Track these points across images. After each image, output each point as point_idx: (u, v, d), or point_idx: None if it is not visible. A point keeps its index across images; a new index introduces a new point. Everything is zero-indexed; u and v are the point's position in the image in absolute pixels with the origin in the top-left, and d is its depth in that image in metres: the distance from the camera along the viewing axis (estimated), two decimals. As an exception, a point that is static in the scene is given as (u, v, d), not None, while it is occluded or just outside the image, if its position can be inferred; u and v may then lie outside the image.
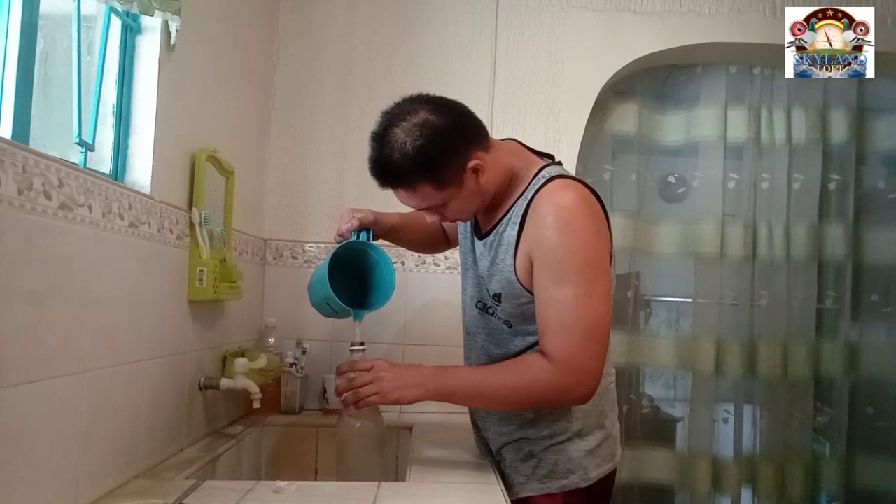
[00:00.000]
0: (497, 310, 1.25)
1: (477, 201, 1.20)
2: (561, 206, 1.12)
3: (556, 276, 1.11)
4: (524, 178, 1.21)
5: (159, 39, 1.27)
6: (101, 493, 1.07)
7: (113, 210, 1.08)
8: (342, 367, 1.24)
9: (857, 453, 2.37)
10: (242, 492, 1.11)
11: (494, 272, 1.22)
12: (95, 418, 1.04)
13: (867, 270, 2.41)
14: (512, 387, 1.15)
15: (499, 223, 1.22)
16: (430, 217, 1.23)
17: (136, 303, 1.17)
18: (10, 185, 0.81)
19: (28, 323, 0.86)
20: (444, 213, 1.22)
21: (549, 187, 1.15)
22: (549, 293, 1.12)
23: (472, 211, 1.23)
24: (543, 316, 1.13)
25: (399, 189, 1.17)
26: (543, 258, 1.12)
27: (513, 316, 1.23)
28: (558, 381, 1.11)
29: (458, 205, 1.19)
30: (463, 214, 1.24)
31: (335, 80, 2.13)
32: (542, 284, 1.13)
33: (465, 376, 1.21)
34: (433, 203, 1.18)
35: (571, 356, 1.10)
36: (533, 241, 1.14)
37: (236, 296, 1.60)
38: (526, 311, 1.20)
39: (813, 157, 2.38)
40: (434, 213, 1.22)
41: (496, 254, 1.22)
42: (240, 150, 1.78)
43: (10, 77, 0.94)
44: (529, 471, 1.26)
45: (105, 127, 1.22)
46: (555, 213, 1.12)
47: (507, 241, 1.19)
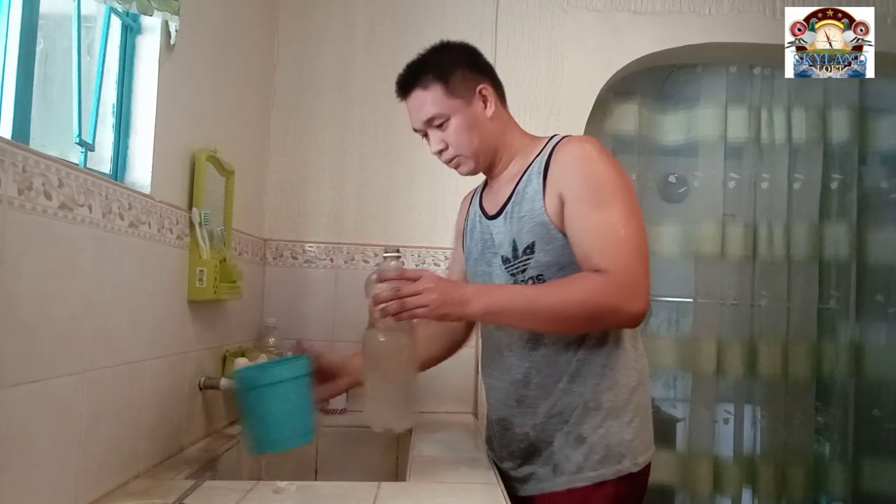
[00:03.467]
0: (528, 265, 1.21)
1: (476, 140, 1.25)
2: (584, 147, 1.18)
3: (593, 201, 1.13)
4: (534, 146, 1.28)
5: (159, 39, 1.27)
6: (101, 493, 1.07)
7: (113, 210, 1.08)
8: (387, 274, 1.13)
9: (863, 455, 2.37)
10: (242, 492, 1.11)
11: (524, 225, 1.21)
12: (95, 418, 1.04)
13: (871, 271, 2.41)
14: (567, 301, 1.10)
15: (515, 189, 1.25)
16: (435, 142, 1.27)
17: (136, 303, 1.17)
18: (10, 185, 0.81)
19: (28, 323, 0.86)
20: (445, 137, 1.25)
21: (566, 140, 1.22)
22: (588, 218, 1.13)
23: (470, 148, 1.26)
24: (586, 240, 1.13)
25: (415, 91, 1.26)
26: (577, 190, 1.14)
27: (547, 266, 1.19)
28: (614, 295, 1.08)
29: (460, 124, 1.24)
30: (461, 144, 1.25)
31: (335, 80, 2.13)
32: (579, 214, 1.14)
33: (516, 292, 1.16)
34: (440, 111, 1.23)
35: (625, 269, 1.08)
36: (562, 181, 1.17)
37: (236, 296, 1.60)
38: (561, 258, 1.18)
39: (813, 156, 2.38)
40: (437, 131, 1.26)
41: (520, 209, 1.22)
42: (240, 150, 1.78)
43: (10, 77, 0.94)
44: (582, 459, 1.20)
45: (105, 127, 1.22)
46: (580, 152, 1.18)
47: (533, 191, 1.21)
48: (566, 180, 1.16)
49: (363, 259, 2.09)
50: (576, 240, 1.15)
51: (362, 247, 2.09)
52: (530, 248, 1.20)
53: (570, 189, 1.15)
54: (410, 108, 1.28)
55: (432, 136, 1.27)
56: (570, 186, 1.15)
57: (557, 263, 1.19)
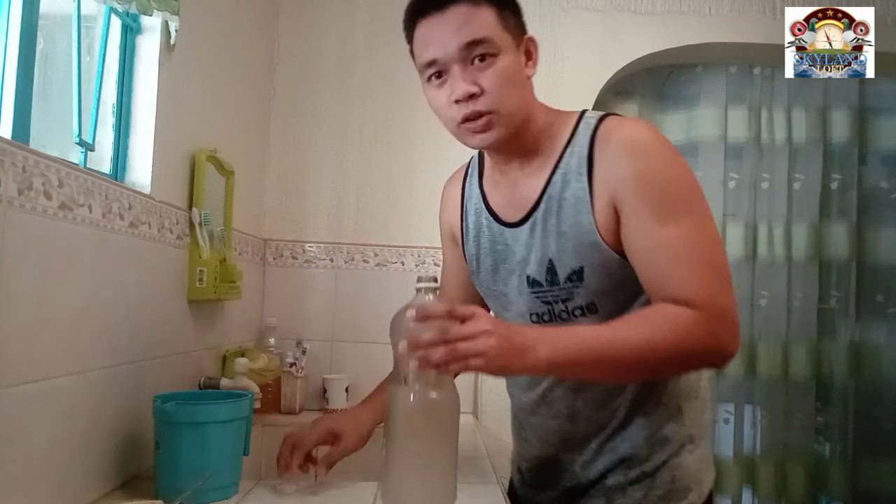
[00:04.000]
0: (576, 294, 0.96)
1: (516, 97, 0.95)
2: (641, 136, 0.93)
3: (661, 211, 0.89)
4: (562, 125, 1.00)
5: (159, 39, 1.27)
6: (101, 493, 1.07)
7: (113, 210, 1.08)
8: (429, 311, 0.83)
9: (863, 455, 2.37)
10: (243, 492, 1.11)
11: (567, 244, 0.95)
12: (95, 418, 1.04)
13: (871, 271, 2.41)
14: (656, 346, 0.85)
15: (546, 191, 0.98)
16: (466, 82, 0.91)
17: (136, 303, 1.17)
18: (10, 185, 0.81)
19: (28, 323, 0.86)
20: (484, 79, 0.92)
21: (608, 124, 0.96)
22: (657, 234, 0.89)
23: (510, 104, 0.94)
24: (656, 263, 0.90)
25: (459, 3, 0.92)
26: (638, 197, 0.90)
27: (601, 293, 0.96)
28: (710, 334, 0.86)
29: (508, 68, 0.93)
30: (503, 95, 0.93)
31: (335, 80, 2.13)
32: (643, 228, 0.90)
33: (591, 335, 0.87)
34: (491, 35, 0.91)
35: (715, 301, 0.87)
36: (615, 184, 0.91)
37: (236, 296, 1.60)
38: (619, 280, 0.95)
39: (813, 156, 2.38)
40: (473, 69, 0.92)
41: (559, 222, 0.96)
42: (240, 150, 1.78)
43: (10, 77, 0.94)
44: (641, 494, 1.02)
45: (105, 127, 1.22)
46: (634, 143, 0.92)
47: (575, 197, 0.95)
48: (621, 183, 0.91)
49: (363, 259, 2.09)
50: (641, 261, 0.91)
51: (362, 247, 2.09)
52: (577, 274, 0.96)
53: (628, 196, 0.91)
54: (443, 26, 0.93)
55: (462, 73, 0.92)
56: (628, 192, 0.91)
57: (614, 287, 0.96)
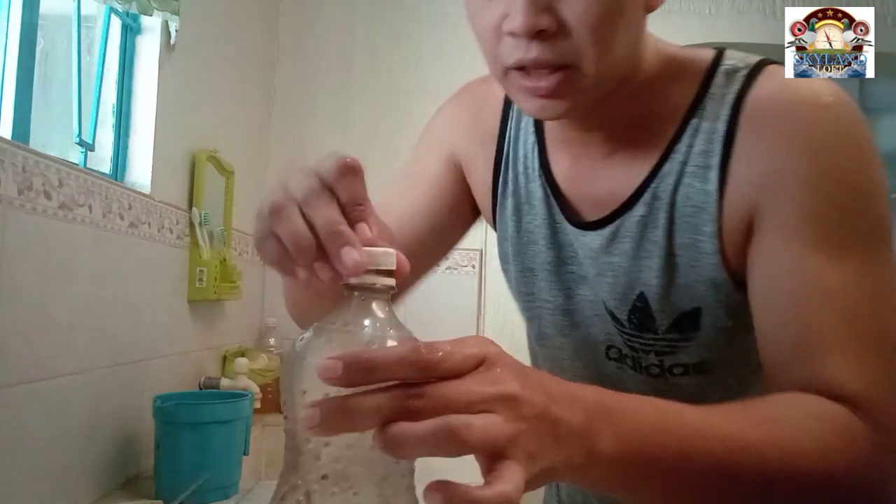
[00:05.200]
0: (680, 349, 0.63)
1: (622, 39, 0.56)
2: (830, 105, 0.56)
3: (831, 239, 0.53)
4: (684, 81, 0.62)
5: (159, 39, 1.27)
6: (101, 492, 1.06)
7: (113, 210, 1.08)
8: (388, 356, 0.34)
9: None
10: (243, 492, 1.11)
11: (673, 273, 0.61)
12: (95, 418, 1.04)
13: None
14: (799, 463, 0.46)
15: (649, 186, 0.60)
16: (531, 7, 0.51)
17: (136, 303, 1.17)
18: (10, 185, 0.81)
19: (28, 323, 0.86)
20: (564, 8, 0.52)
21: (769, 87, 0.59)
22: (815, 272, 0.53)
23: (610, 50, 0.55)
24: (805, 316, 0.53)
25: None
26: (800, 206, 0.54)
27: (714, 347, 0.63)
28: (878, 460, 0.49)
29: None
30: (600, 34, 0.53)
31: (335, 80, 2.13)
32: (792, 256, 0.54)
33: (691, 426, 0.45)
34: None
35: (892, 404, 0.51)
36: (771, 178, 0.55)
37: (236, 296, 1.60)
38: (737, 325, 0.60)
39: (813, 157, 2.38)
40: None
41: (669, 236, 0.60)
42: (240, 150, 1.78)
43: (10, 77, 0.94)
44: None
45: (105, 127, 1.22)
46: (821, 115, 0.56)
47: (696, 204, 0.58)
48: (778, 188, 0.55)
49: (363, 259, 2.09)
50: (772, 307, 0.55)
51: (362, 247, 2.09)
52: (690, 320, 0.61)
53: (782, 205, 0.55)
54: None
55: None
56: (783, 200, 0.55)
57: (729, 339, 0.62)
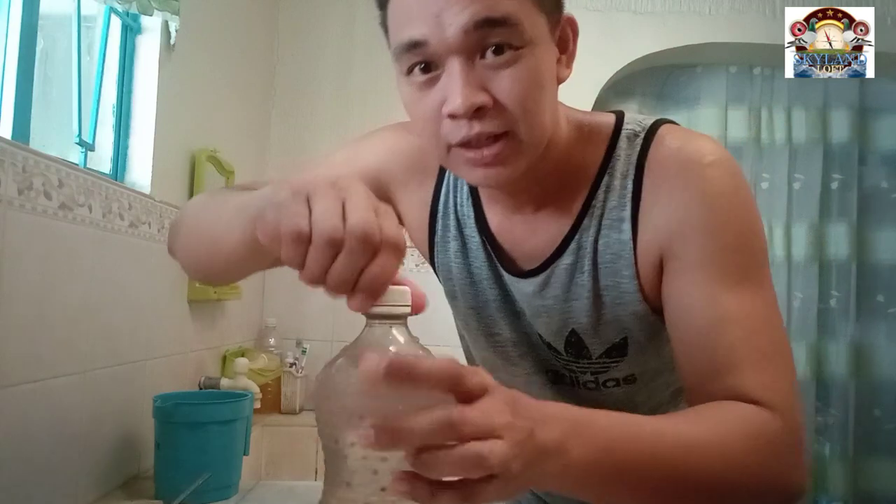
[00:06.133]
0: (612, 368, 0.75)
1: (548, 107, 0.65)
2: (713, 163, 0.66)
3: (729, 275, 0.65)
4: (594, 144, 0.71)
5: (159, 39, 1.27)
6: (101, 492, 1.06)
7: (113, 210, 1.08)
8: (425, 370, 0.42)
9: (863, 455, 2.37)
10: (243, 492, 1.11)
11: (604, 314, 0.71)
12: (95, 418, 1.04)
13: (871, 271, 2.41)
14: (734, 461, 0.56)
15: (574, 238, 0.70)
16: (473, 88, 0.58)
17: (136, 303, 1.17)
18: (10, 185, 0.81)
19: (28, 323, 0.86)
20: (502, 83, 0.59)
21: (665, 145, 0.68)
22: (720, 303, 0.64)
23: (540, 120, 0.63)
24: (711, 338, 0.63)
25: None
26: (703, 251, 0.65)
27: (646, 363, 0.75)
28: (787, 455, 0.60)
29: (539, 66, 0.62)
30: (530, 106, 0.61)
31: (335, 80, 2.13)
32: (700, 291, 0.65)
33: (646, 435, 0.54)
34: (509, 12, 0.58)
35: (794, 407, 0.61)
36: (673, 231, 0.66)
37: (236, 296, 1.60)
38: (661, 346, 0.73)
39: (813, 157, 2.38)
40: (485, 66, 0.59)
41: (593, 280, 0.70)
42: (240, 150, 1.78)
43: (10, 77, 0.94)
44: None
45: (105, 127, 1.22)
46: (708, 179, 0.66)
47: (614, 251, 0.69)
48: (682, 233, 0.65)
49: (363, 259, 2.09)
50: (689, 332, 0.65)
51: (362, 247, 2.09)
52: (618, 349, 0.73)
53: (688, 248, 0.65)
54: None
55: (466, 72, 0.59)
56: (689, 244, 0.65)
57: (650, 355, 0.75)
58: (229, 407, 1.08)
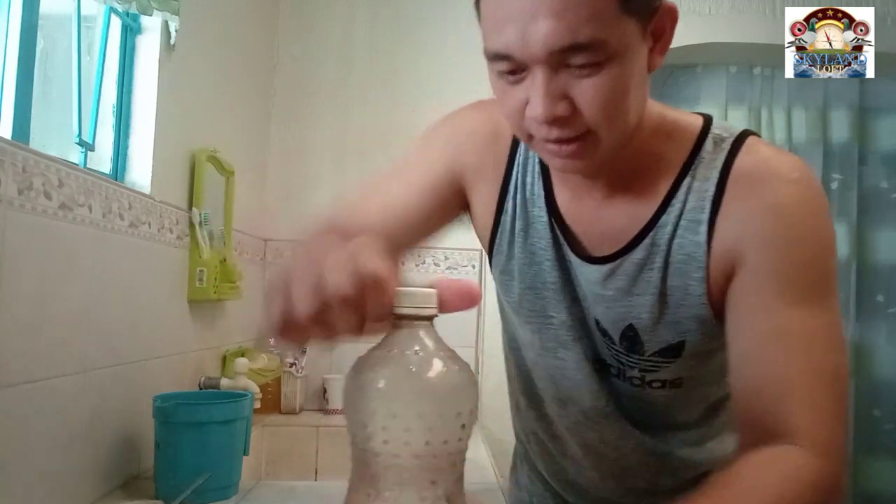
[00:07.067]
0: (664, 368, 0.75)
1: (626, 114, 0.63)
2: (798, 180, 0.68)
3: (797, 290, 0.66)
4: (678, 143, 0.71)
5: (159, 39, 1.27)
6: (101, 492, 1.07)
7: (113, 210, 1.08)
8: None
9: (863, 455, 2.37)
10: (243, 492, 1.11)
11: (666, 313, 0.72)
12: (95, 418, 1.04)
13: (871, 271, 2.40)
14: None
15: (649, 234, 0.71)
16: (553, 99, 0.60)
17: (136, 303, 1.17)
18: (10, 185, 0.81)
19: (28, 323, 0.86)
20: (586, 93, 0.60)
21: (752, 159, 0.69)
22: (783, 315, 0.65)
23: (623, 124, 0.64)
24: (773, 350, 0.65)
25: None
26: (773, 260, 0.66)
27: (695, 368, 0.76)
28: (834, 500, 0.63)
29: (626, 74, 0.61)
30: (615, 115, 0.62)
31: (335, 80, 2.13)
32: (765, 299, 0.66)
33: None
34: (595, 36, 0.57)
35: (839, 448, 0.63)
36: (751, 234, 0.67)
37: (236, 296, 1.60)
38: (720, 357, 0.73)
39: (813, 156, 2.38)
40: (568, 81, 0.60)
41: (663, 279, 0.71)
42: (240, 150, 1.78)
43: (10, 77, 0.94)
44: None
45: (105, 127, 1.22)
46: (791, 200, 0.67)
47: (688, 253, 0.69)
48: (756, 249, 0.67)
49: (363, 259, 2.09)
50: (749, 335, 0.67)
51: (362, 247, 2.09)
52: (674, 350, 0.73)
53: (764, 255, 0.67)
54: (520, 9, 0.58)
55: (549, 83, 0.59)
56: (761, 262, 0.67)
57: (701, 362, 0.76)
58: (229, 407, 1.09)
